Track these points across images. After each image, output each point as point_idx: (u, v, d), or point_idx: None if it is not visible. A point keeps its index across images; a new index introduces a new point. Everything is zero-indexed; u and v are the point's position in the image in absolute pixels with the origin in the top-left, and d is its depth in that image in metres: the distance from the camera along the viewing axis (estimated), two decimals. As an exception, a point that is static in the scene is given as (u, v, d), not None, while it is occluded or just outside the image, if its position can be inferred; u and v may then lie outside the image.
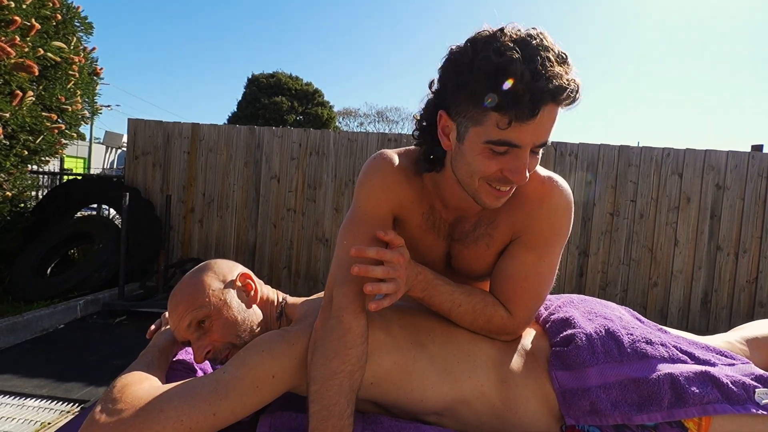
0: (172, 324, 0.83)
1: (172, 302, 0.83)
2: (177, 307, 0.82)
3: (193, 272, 0.87)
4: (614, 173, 3.99)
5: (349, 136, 4.25)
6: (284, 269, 4.31)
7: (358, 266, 0.68)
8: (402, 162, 0.84)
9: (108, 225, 4.10)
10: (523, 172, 0.66)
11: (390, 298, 0.70)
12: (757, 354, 0.92)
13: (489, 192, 0.70)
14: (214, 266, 0.88)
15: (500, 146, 0.64)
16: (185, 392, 0.66)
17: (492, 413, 0.76)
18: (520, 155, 0.65)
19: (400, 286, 0.71)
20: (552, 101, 0.61)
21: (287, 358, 0.72)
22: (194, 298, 0.81)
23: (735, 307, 3.92)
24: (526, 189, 0.78)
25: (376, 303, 0.68)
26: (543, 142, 0.66)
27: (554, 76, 0.59)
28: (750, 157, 3.86)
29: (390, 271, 0.70)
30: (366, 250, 0.70)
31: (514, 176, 0.66)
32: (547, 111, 0.61)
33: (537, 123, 0.62)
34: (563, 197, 0.78)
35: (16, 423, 1.95)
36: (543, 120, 0.62)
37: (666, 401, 0.68)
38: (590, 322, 0.82)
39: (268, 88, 14.76)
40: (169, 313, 0.84)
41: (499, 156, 0.66)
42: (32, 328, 2.95)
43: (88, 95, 4.00)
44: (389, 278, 0.70)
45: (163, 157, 4.36)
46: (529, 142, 0.64)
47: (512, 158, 0.65)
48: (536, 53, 0.60)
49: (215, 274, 0.86)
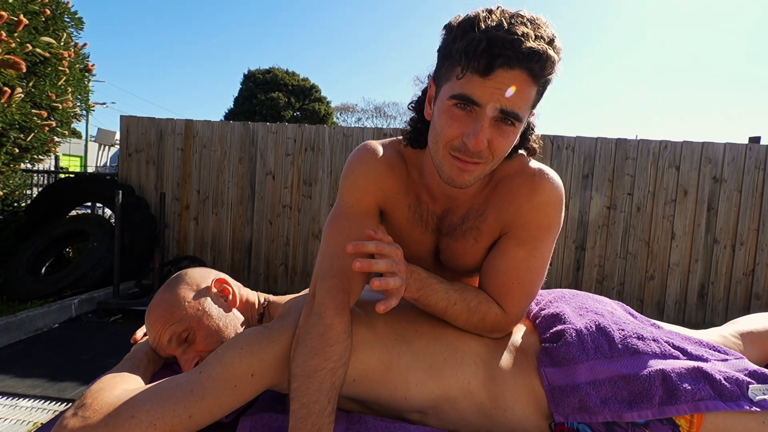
0: (153, 341, 0.81)
1: (149, 320, 0.81)
2: (155, 324, 0.80)
3: (165, 287, 0.84)
4: (611, 166, 3.97)
5: (345, 131, 4.21)
6: (281, 266, 4.29)
7: (361, 261, 0.64)
8: (386, 152, 0.82)
9: (102, 223, 4.07)
10: (479, 136, 0.63)
11: (395, 296, 0.66)
12: (751, 348, 0.91)
13: (452, 163, 0.68)
14: (186, 277, 0.86)
15: (461, 100, 0.63)
16: (159, 394, 0.64)
17: (479, 411, 0.74)
18: (480, 116, 0.63)
19: (403, 283, 0.68)
20: (513, 64, 0.59)
21: (267, 355, 0.70)
22: (170, 313, 0.79)
23: (732, 299, 3.92)
24: (516, 182, 0.76)
25: (385, 304, 0.64)
26: (511, 110, 0.62)
27: (517, 32, 0.58)
28: (747, 149, 3.84)
29: (392, 264, 0.67)
30: (365, 245, 0.66)
31: (470, 140, 0.63)
32: (511, 74, 0.60)
33: (497, 82, 0.60)
34: (554, 190, 0.76)
35: (9, 423, 1.94)
36: (504, 80, 0.60)
37: (657, 398, 0.66)
38: (581, 318, 0.80)
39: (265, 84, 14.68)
40: (147, 331, 0.82)
41: (461, 116, 0.64)
42: (26, 327, 2.93)
43: (80, 92, 3.96)
44: (393, 273, 0.66)
45: (157, 154, 4.32)
46: (488, 102, 0.61)
47: (471, 120, 0.64)
48: (508, 17, 0.60)
49: (188, 285, 0.84)
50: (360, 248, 0.66)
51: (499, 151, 0.67)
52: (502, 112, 0.62)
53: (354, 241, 0.67)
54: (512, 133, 0.66)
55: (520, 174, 0.77)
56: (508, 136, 0.65)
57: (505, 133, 0.65)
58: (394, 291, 0.66)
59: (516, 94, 0.61)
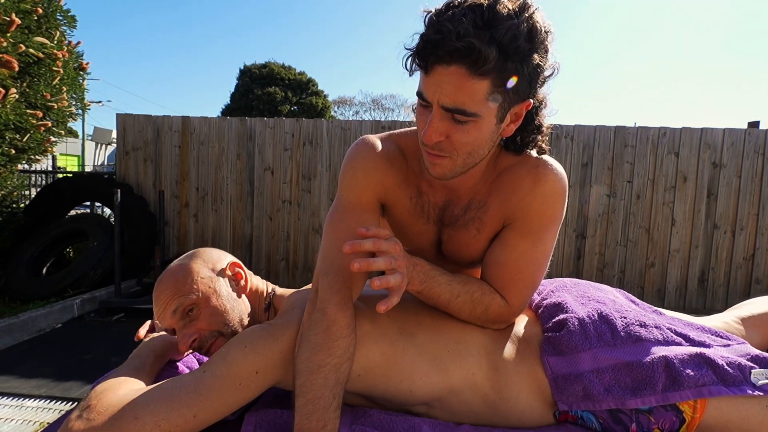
0: (157, 311, 0.80)
1: (159, 288, 0.80)
2: (163, 292, 0.79)
3: (181, 259, 0.84)
4: (611, 154, 3.96)
5: (342, 124, 4.19)
6: (282, 261, 4.29)
7: (359, 262, 0.63)
8: (385, 145, 0.82)
9: (102, 222, 4.07)
10: (428, 130, 0.64)
11: (396, 293, 0.65)
12: (754, 333, 0.91)
13: (426, 155, 0.70)
14: (203, 254, 0.85)
15: (420, 99, 0.66)
16: (163, 395, 0.64)
17: (483, 402, 0.74)
18: (430, 112, 0.65)
19: (404, 279, 0.67)
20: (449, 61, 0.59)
21: (271, 353, 0.70)
22: (182, 284, 0.78)
23: (732, 284, 3.93)
24: (519, 172, 0.76)
25: (385, 303, 0.63)
26: (452, 106, 0.62)
27: (443, 30, 0.58)
28: (746, 134, 3.83)
29: (392, 261, 0.66)
30: (361, 244, 0.65)
31: (423, 135, 0.66)
32: (449, 71, 0.59)
33: (436, 78, 0.61)
34: (557, 181, 0.75)
35: (15, 424, 1.95)
36: (444, 78, 0.60)
37: (660, 384, 0.66)
38: (583, 307, 0.80)
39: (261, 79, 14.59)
40: (154, 299, 0.81)
41: (423, 112, 0.66)
42: (29, 328, 2.94)
43: (75, 91, 3.93)
44: (392, 270, 0.66)
45: (154, 151, 4.30)
46: (433, 98, 0.63)
47: (427, 115, 0.66)
48: (459, 12, 0.59)
49: (204, 261, 0.83)
50: (357, 248, 0.65)
51: (460, 145, 0.66)
52: (443, 108, 0.63)
53: (351, 241, 0.66)
54: (471, 127, 0.64)
55: (523, 164, 0.76)
56: (466, 130, 0.64)
57: (461, 128, 0.64)
58: (395, 288, 0.65)
59: (454, 89, 0.60)
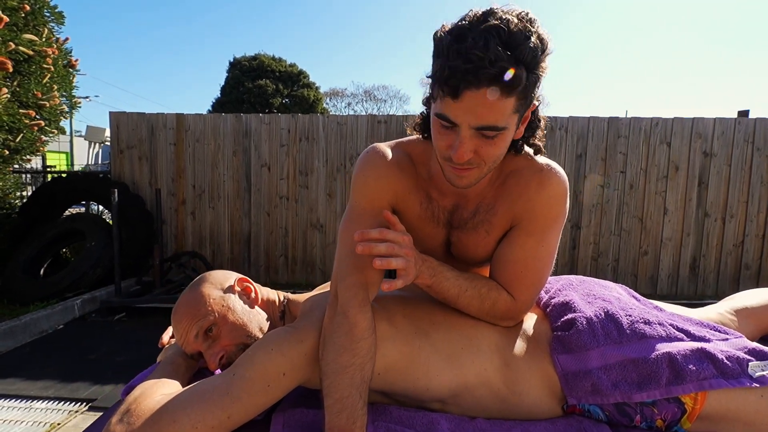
0: (179, 339, 0.84)
1: (175, 318, 0.84)
2: (181, 321, 0.83)
3: (189, 287, 0.88)
4: (604, 145, 4.01)
5: (339, 119, 4.19)
6: (281, 257, 4.31)
7: (362, 245, 0.69)
8: (395, 153, 0.85)
9: (98, 222, 4.05)
10: (460, 150, 0.66)
11: (402, 278, 0.70)
12: (746, 324, 0.96)
13: (449, 169, 0.72)
14: (209, 277, 0.89)
15: (442, 120, 0.66)
16: (197, 397, 0.67)
17: (496, 397, 0.78)
18: (458, 133, 0.66)
19: (410, 265, 0.72)
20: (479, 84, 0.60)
21: (297, 354, 0.73)
22: (196, 309, 0.82)
23: (722, 270, 4.03)
24: (525, 176, 0.80)
25: (389, 283, 0.69)
26: (485, 125, 0.64)
27: (474, 58, 0.59)
28: (736, 123, 3.90)
29: (394, 247, 0.71)
30: (368, 232, 0.71)
31: (453, 153, 0.67)
32: (478, 94, 0.61)
33: (467, 103, 0.62)
34: (561, 184, 0.79)
35: (26, 426, 1.97)
36: (474, 101, 0.62)
37: (664, 379, 0.70)
38: (589, 305, 0.84)
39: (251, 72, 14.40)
40: (174, 330, 0.85)
41: (446, 131, 0.67)
42: (31, 330, 2.95)
43: (65, 88, 3.89)
44: (395, 255, 0.70)
45: (149, 149, 4.27)
46: (463, 122, 0.64)
47: (454, 135, 0.67)
48: (476, 35, 0.60)
49: (212, 284, 0.87)
50: (365, 235, 0.71)
51: (489, 157, 0.69)
52: (476, 128, 0.65)
53: (359, 230, 0.72)
54: (500, 139, 0.68)
55: (529, 169, 0.80)
56: (495, 143, 0.68)
57: (490, 142, 0.67)
58: (402, 273, 0.71)
59: (486, 111, 0.63)
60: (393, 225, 0.76)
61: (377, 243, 0.70)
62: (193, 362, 0.87)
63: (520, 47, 0.60)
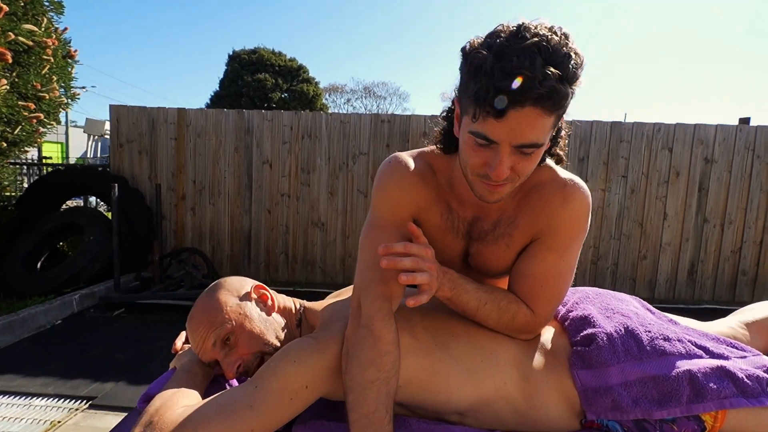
0: (195, 347, 0.83)
1: (191, 325, 0.83)
2: (197, 329, 0.82)
3: (205, 293, 0.87)
4: (606, 149, 4.03)
5: (342, 117, 4.18)
6: (281, 255, 4.30)
7: (387, 259, 0.69)
8: (417, 164, 0.85)
9: (97, 216, 4.02)
10: (499, 168, 0.66)
11: (426, 293, 0.70)
12: (758, 338, 0.97)
13: (481, 185, 0.71)
14: (225, 284, 0.88)
15: (479, 138, 0.66)
16: (220, 411, 0.67)
17: (514, 411, 0.78)
18: (498, 151, 0.65)
19: (434, 280, 0.72)
20: (524, 103, 0.60)
21: (319, 367, 0.73)
22: (213, 317, 0.81)
23: (719, 276, 4.07)
24: (548, 190, 0.80)
25: (414, 299, 0.69)
26: (527, 143, 0.64)
27: (523, 77, 0.58)
28: (738, 131, 3.92)
29: (419, 262, 0.71)
30: (393, 246, 0.71)
31: (491, 171, 0.67)
32: (523, 113, 0.60)
33: (510, 122, 0.61)
34: (584, 200, 0.79)
35: (25, 423, 1.95)
36: (519, 121, 0.61)
37: (685, 397, 0.71)
38: (609, 320, 0.84)
39: (251, 65, 14.32)
40: (190, 337, 0.84)
41: (482, 149, 0.67)
42: (29, 325, 2.92)
43: (64, 80, 3.84)
44: (420, 270, 0.70)
45: (149, 144, 4.24)
46: (504, 140, 0.64)
47: (492, 153, 0.66)
48: (520, 53, 0.59)
49: (228, 291, 0.86)
50: (390, 249, 0.71)
51: (524, 172, 0.69)
52: (518, 147, 0.65)
53: (383, 244, 0.72)
54: (536, 155, 0.68)
55: (552, 183, 0.80)
56: (531, 159, 0.68)
57: (526, 158, 0.67)
58: (425, 288, 0.71)
59: (530, 129, 0.62)
60: (417, 238, 0.76)
61: (402, 257, 0.70)
62: (210, 370, 0.86)
63: (563, 64, 0.60)
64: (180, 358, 0.91)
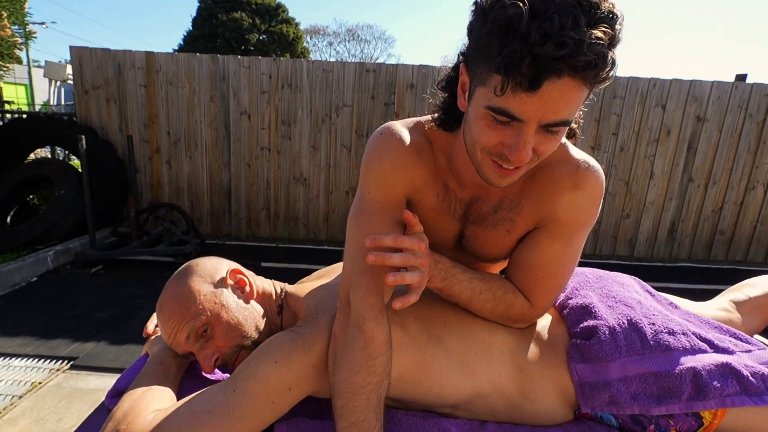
0: (168, 339, 0.75)
1: (162, 316, 0.75)
2: (169, 320, 0.74)
3: (175, 279, 0.78)
4: (599, 105, 3.91)
5: (324, 65, 3.91)
6: (262, 210, 4.19)
7: (374, 255, 0.62)
8: (413, 137, 0.74)
9: (66, 168, 3.79)
10: (523, 151, 0.56)
11: (415, 291, 0.63)
12: (751, 317, 0.95)
13: (491, 167, 0.62)
14: (198, 268, 0.79)
15: (500, 115, 0.55)
16: (196, 419, 0.61)
17: (508, 403, 0.76)
18: (522, 130, 0.55)
19: (424, 277, 0.65)
20: (562, 73, 0.50)
21: (303, 366, 0.67)
22: (186, 308, 0.74)
23: (698, 235, 4.16)
24: (558, 173, 0.70)
25: (402, 300, 0.62)
26: (557, 121, 0.54)
27: (569, 42, 0.47)
28: (733, 88, 3.83)
29: (410, 258, 0.64)
30: (382, 239, 0.64)
31: (512, 154, 0.57)
32: (559, 85, 0.50)
33: (543, 96, 0.51)
34: (597, 186, 0.71)
35: (5, 385, 1.92)
36: (553, 94, 0.51)
37: (686, 395, 0.69)
38: (611, 311, 0.80)
39: (225, 2, 13.24)
40: (161, 329, 0.76)
41: (501, 127, 0.57)
42: (3, 283, 2.82)
43: (15, 15, 3.45)
44: (411, 267, 0.64)
45: (117, 91, 3.93)
46: (533, 117, 0.54)
47: (513, 132, 0.56)
48: (560, 10, 0.48)
49: (201, 276, 0.78)
50: (377, 242, 0.64)
51: (546, 153, 0.60)
52: (546, 125, 0.55)
53: (371, 235, 0.64)
54: (561, 133, 0.59)
55: (564, 164, 0.71)
56: (555, 139, 0.58)
57: (551, 138, 0.58)
58: (414, 286, 0.64)
59: (564, 104, 0.53)
60: (411, 227, 0.68)
61: (391, 252, 0.63)
62: (185, 361, 0.80)
63: (610, 25, 0.49)
64: (152, 345, 0.85)
